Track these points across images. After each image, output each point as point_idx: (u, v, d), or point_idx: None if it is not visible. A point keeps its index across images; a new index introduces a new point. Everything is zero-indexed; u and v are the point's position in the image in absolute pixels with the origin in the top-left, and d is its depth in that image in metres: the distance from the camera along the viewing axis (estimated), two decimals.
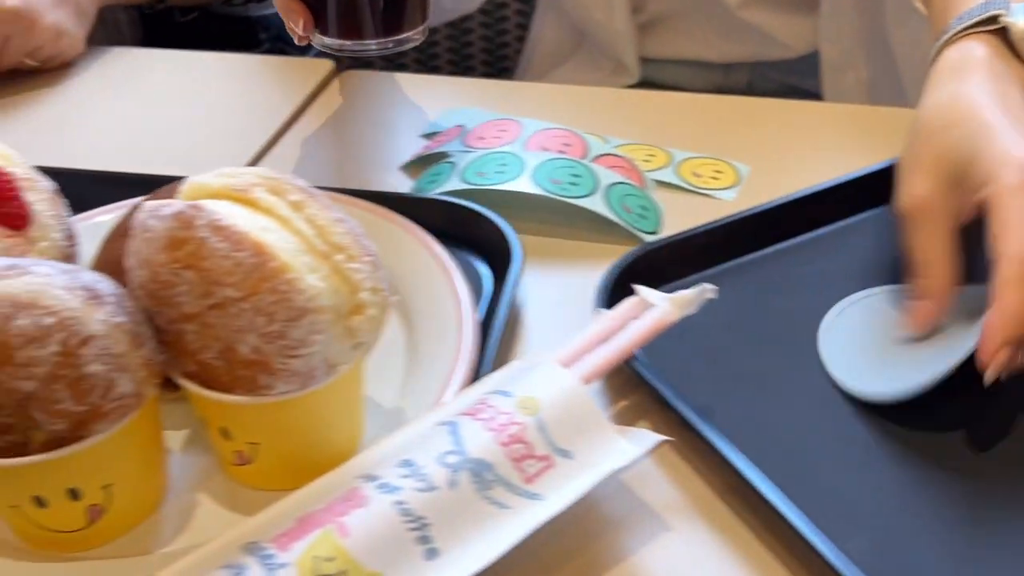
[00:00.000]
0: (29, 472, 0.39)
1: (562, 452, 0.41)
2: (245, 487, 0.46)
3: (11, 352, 0.36)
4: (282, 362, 0.40)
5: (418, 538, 0.38)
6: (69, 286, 0.38)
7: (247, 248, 0.38)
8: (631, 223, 0.63)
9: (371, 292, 0.42)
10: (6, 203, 0.44)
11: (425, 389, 0.50)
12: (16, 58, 0.83)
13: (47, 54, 0.85)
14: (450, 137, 0.72)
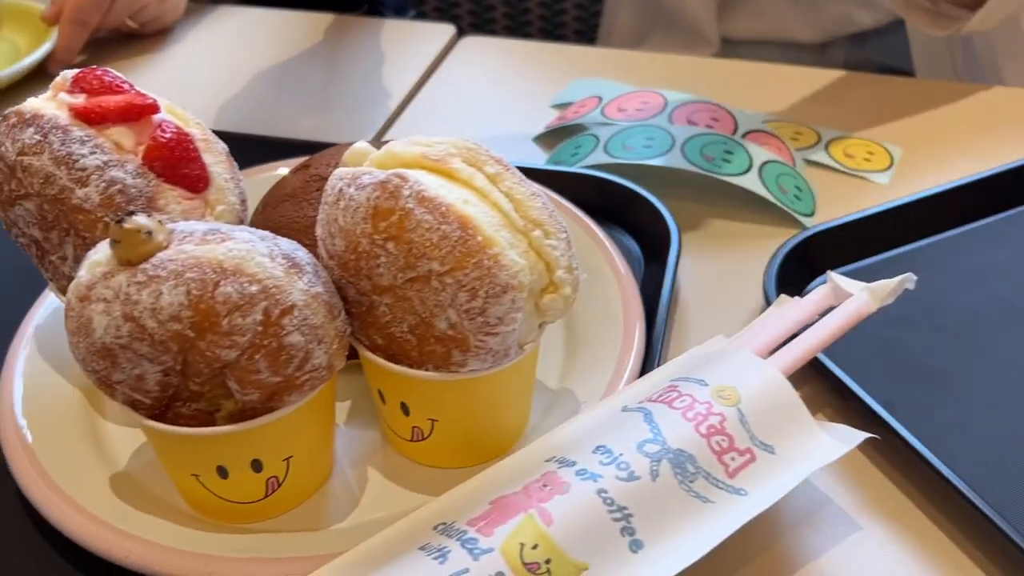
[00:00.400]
0: (217, 442, 0.39)
1: (764, 446, 0.39)
2: (413, 463, 0.45)
3: (216, 319, 0.35)
4: (480, 339, 0.38)
5: (623, 528, 0.36)
6: (271, 254, 0.37)
7: (453, 221, 0.37)
8: (788, 204, 0.60)
9: (566, 271, 0.40)
10: (187, 164, 0.43)
11: (592, 371, 0.48)
12: (120, 17, 0.82)
13: (150, 15, 0.84)
14: (587, 108, 0.70)
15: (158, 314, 0.35)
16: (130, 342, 0.36)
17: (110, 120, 0.42)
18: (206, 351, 0.36)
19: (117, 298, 0.36)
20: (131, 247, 0.36)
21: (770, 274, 0.52)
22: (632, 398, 0.42)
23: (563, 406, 0.47)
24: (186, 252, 0.36)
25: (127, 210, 0.36)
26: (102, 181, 0.41)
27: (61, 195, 0.41)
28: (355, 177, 0.39)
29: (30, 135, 0.41)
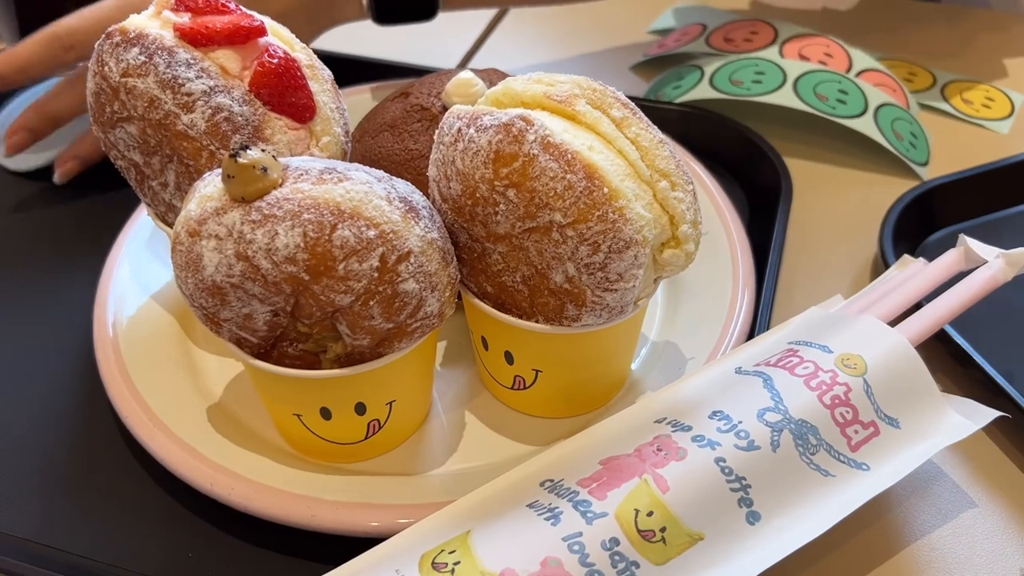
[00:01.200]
0: (324, 385, 0.38)
1: (889, 420, 0.37)
2: (511, 410, 0.44)
3: (333, 264, 0.34)
4: (597, 295, 0.37)
5: (740, 499, 0.35)
6: (388, 196, 0.35)
7: (579, 170, 0.35)
8: (904, 152, 0.57)
9: (691, 225, 0.38)
10: (294, 93, 0.41)
11: (697, 324, 0.46)
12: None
13: None
14: (690, 36, 0.66)
15: (273, 255, 0.34)
16: (242, 281, 0.35)
17: (216, 42, 0.40)
18: (320, 295, 0.35)
19: (230, 236, 0.34)
20: (245, 183, 0.34)
21: (887, 231, 0.49)
22: (748, 359, 0.40)
23: (667, 359, 0.45)
24: (303, 192, 0.34)
25: (241, 143, 0.35)
26: (208, 108, 0.39)
27: (166, 120, 0.39)
28: (475, 117, 0.37)
29: (135, 55, 0.39)
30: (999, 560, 0.39)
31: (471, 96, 0.47)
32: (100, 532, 0.40)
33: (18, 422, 0.45)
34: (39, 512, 0.41)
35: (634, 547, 0.33)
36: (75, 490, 0.42)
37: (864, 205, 0.55)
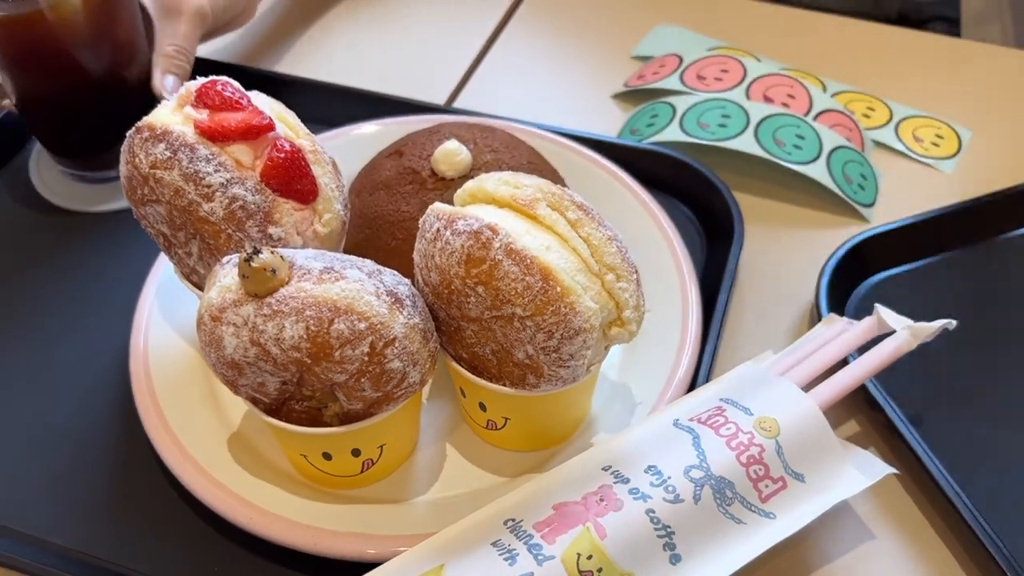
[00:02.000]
0: (324, 438, 0.45)
1: (796, 475, 0.45)
2: (486, 444, 0.51)
3: (330, 351, 0.41)
4: (552, 370, 0.44)
5: (665, 544, 0.42)
6: (377, 292, 0.42)
7: (536, 273, 0.41)
8: (850, 195, 0.63)
9: (633, 310, 0.44)
10: (299, 180, 0.47)
11: (649, 367, 0.53)
12: None
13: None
14: (667, 70, 0.71)
15: (281, 343, 0.41)
16: (255, 361, 0.42)
17: (231, 138, 0.46)
18: (320, 374, 0.42)
19: (245, 325, 0.41)
20: (258, 283, 0.41)
21: (822, 284, 0.56)
22: (685, 412, 0.47)
23: (622, 400, 0.52)
24: (305, 291, 0.41)
25: (255, 247, 0.41)
26: (225, 197, 0.46)
27: (189, 207, 0.46)
28: (452, 220, 0.43)
29: (161, 150, 0.46)
30: None
31: (456, 164, 0.53)
32: (137, 546, 0.49)
33: (64, 446, 0.53)
34: (85, 527, 0.49)
35: None
36: (116, 510, 0.50)
37: (813, 243, 0.61)
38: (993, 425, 0.52)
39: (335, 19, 0.81)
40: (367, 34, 0.80)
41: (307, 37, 0.80)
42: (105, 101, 0.62)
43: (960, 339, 0.54)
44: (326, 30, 0.80)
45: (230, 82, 0.48)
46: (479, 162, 0.55)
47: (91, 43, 0.59)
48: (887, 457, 0.51)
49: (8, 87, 0.62)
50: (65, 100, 0.61)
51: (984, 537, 0.46)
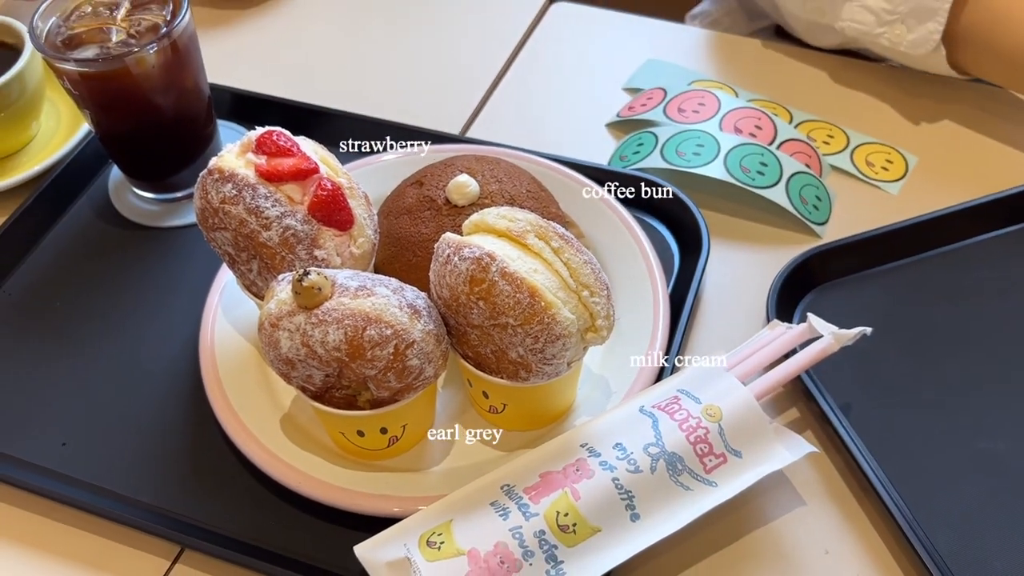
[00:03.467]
0: (359, 419, 0.57)
1: (735, 452, 0.56)
2: (490, 425, 0.63)
3: (363, 351, 0.53)
4: (539, 367, 0.55)
5: (627, 506, 0.54)
6: (400, 305, 0.54)
7: (524, 291, 0.53)
8: (805, 214, 0.73)
9: (604, 319, 0.55)
10: (339, 212, 0.58)
11: (625, 360, 0.64)
12: None
13: None
14: (653, 103, 0.82)
15: (325, 346, 0.53)
16: (305, 359, 0.54)
17: (284, 180, 0.58)
18: (356, 369, 0.54)
19: (297, 331, 0.53)
20: (307, 299, 0.53)
21: (772, 293, 0.66)
22: (648, 400, 0.58)
23: (601, 390, 0.63)
24: (344, 304, 0.53)
25: (306, 269, 0.53)
26: (280, 227, 0.57)
27: (251, 234, 0.58)
28: (459, 248, 0.54)
29: (229, 189, 0.57)
30: (815, 542, 0.58)
31: (466, 194, 0.65)
32: (205, 505, 0.61)
33: (147, 422, 0.65)
34: (164, 488, 0.61)
35: (555, 536, 0.52)
36: (189, 475, 0.62)
37: (771, 257, 0.71)
38: (911, 414, 0.62)
39: (371, 55, 0.93)
40: (399, 68, 0.91)
41: (341, 71, 0.91)
42: (172, 136, 0.74)
43: (888, 341, 0.65)
44: (360, 66, 0.92)
45: (283, 132, 0.59)
46: (486, 191, 0.66)
47: (163, 90, 0.70)
48: (820, 439, 0.62)
49: (90, 122, 0.74)
50: (139, 135, 0.73)
51: (893, 507, 0.56)
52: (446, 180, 0.66)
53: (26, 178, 0.79)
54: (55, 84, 0.84)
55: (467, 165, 0.68)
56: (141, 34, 0.69)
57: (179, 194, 0.78)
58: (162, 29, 0.69)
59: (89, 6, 0.71)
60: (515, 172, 0.69)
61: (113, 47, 0.68)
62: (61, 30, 0.70)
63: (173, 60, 0.69)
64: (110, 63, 0.67)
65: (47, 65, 0.69)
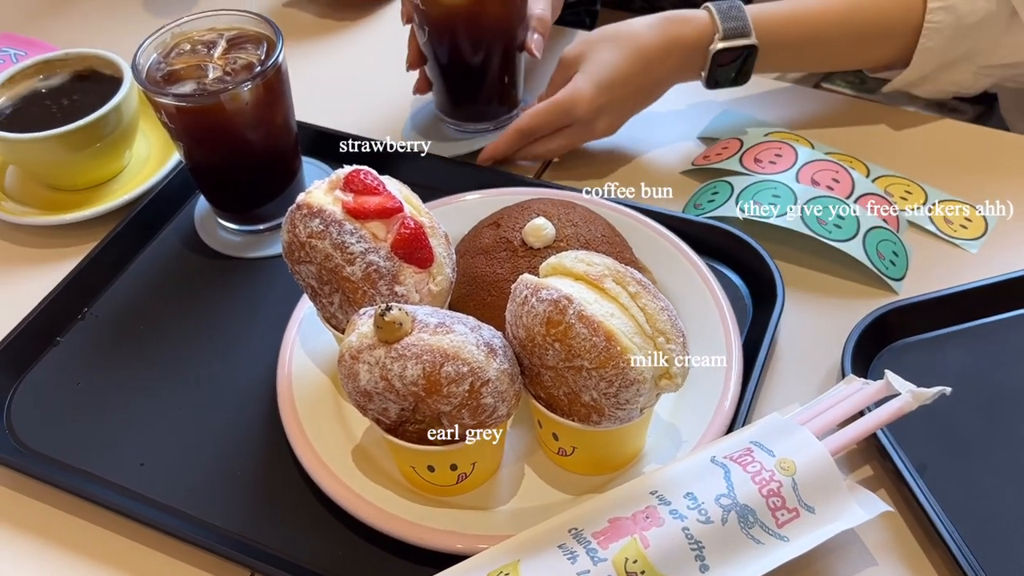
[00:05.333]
0: (431, 454, 0.58)
1: (807, 507, 0.55)
2: (557, 466, 0.63)
3: (440, 387, 0.54)
4: (612, 411, 0.55)
5: (696, 556, 0.53)
6: (477, 343, 0.54)
7: (601, 335, 0.53)
8: (882, 269, 0.73)
9: (679, 366, 0.56)
10: (420, 250, 0.60)
11: (696, 410, 0.64)
12: None
13: None
14: (729, 152, 0.82)
15: (403, 379, 0.54)
16: (383, 392, 0.55)
17: (370, 218, 0.59)
18: (431, 405, 0.54)
19: (377, 364, 0.54)
20: (388, 333, 0.54)
21: (847, 348, 0.66)
22: (721, 451, 0.58)
23: (671, 437, 0.63)
24: (424, 340, 0.54)
25: (388, 305, 0.54)
26: (364, 263, 0.59)
27: (336, 269, 0.59)
28: (536, 289, 0.55)
29: (316, 224, 0.59)
30: None
31: (542, 237, 0.65)
32: (276, 530, 0.62)
33: (222, 447, 0.66)
34: (235, 512, 0.63)
35: None
36: (260, 501, 0.63)
37: (845, 310, 0.71)
38: (988, 476, 0.61)
39: None
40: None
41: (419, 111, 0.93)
42: (260, 169, 0.77)
43: (964, 401, 0.64)
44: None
45: (370, 171, 0.61)
46: (561, 235, 0.67)
47: (254, 125, 0.73)
48: (893, 498, 0.61)
49: (182, 154, 0.77)
50: (229, 168, 0.76)
51: (968, 570, 0.55)
52: (522, 222, 0.67)
53: (117, 205, 0.82)
54: (148, 116, 0.88)
55: (543, 208, 0.69)
56: (236, 72, 0.72)
57: (262, 226, 0.80)
58: (256, 68, 0.72)
59: (188, 44, 0.74)
60: (590, 217, 0.70)
61: (209, 83, 0.71)
62: (161, 66, 0.73)
63: (265, 97, 0.72)
64: (206, 99, 0.70)
65: (146, 98, 0.72)
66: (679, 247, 0.73)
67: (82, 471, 0.66)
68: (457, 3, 0.78)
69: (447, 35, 0.81)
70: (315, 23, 1.06)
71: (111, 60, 0.85)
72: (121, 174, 0.87)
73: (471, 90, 0.86)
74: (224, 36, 0.75)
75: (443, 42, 0.82)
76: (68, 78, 0.86)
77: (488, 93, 0.86)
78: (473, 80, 0.85)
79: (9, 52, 1.02)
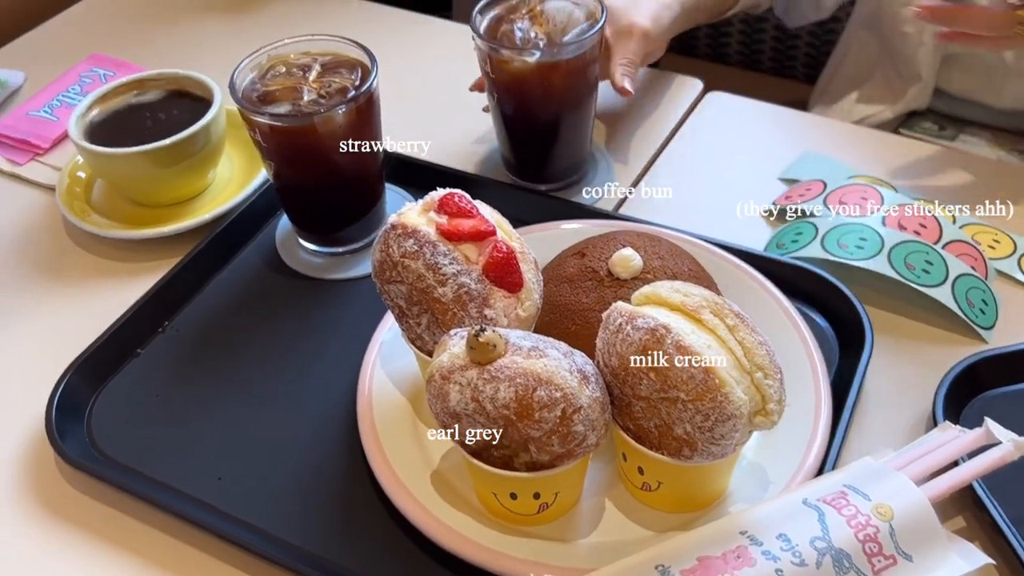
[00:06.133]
0: (516, 480, 0.57)
1: (905, 555, 0.53)
2: (638, 502, 0.62)
3: (532, 411, 0.53)
4: (705, 446, 0.54)
5: None
6: (570, 369, 0.54)
7: (699, 366, 0.52)
8: (972, 318, 0.71)
9: (776, 403, 0.54)
10: (511, 275, 0.60)
11: (783, 452, 0.62)
12: None
13: None
14: (813, 193, 0.82)
15: (495, 402, 0.53)
16: (472, 414, 0.54)
17: (463, 240, 0.59)
18: (521, 429, 0.54)
19: (468, 385, 0.54)
20: (482, 354, 0.53)
21: (938, 396, 0.64)
22: (813, 493, 0.56)
23: (757, 478, 0.62)
24: (517, 363, 0.53)
25: (483, 326, 0.54)
26: (455, 284, 0.59)
27: (427, 289, 0.59)
28: (632, 317, 0.54)
29: (410, 244, 0.59)
30: None
31: (630, 268, 0.65)
32: (353, 549, 0.61)
33: (301, 465, 0.66)
34: (313, 531, 0.62)
35: None
36: (338, 520, 0.63)
37: (935, 357, 0.69)
38: None
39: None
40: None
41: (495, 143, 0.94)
42: (346, 191, 0.78)
43: None
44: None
45: (464, 195, 0.61)
46: (648, 267, 0.66)
47: (343, 148, 0.74)
48: (989, 550, 0.59)
49: (271, 174, 0.78)
50: (316, 189, 0.77)
51: None
52: (608, 253, 0.67)
53: (200, 223, 0.83)
54: (233, 138, 0.89)
55: (629, 240, 0.69)
56: (331, 95, 0.73)
57: (342, 248, 0.81)
58: (350, 92, 0.73)
59: (283, 66, 0.76)
60: (676, 251, 0.69)
61: (304, 105, 0.72)
62: (256, 87, 0.74)
63: (357, 121, 0.73)
64: (300, 120, 0.71)
65: (243, 116, 0.73)
66: (765, 286, 0.72)
67: (159, 482, 0.66)
68: (525, 69, 0.77)
69: (514, 99, 0.80)
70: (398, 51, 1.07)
71: (202, 81, 0.87)
72: (204, 193, 0.88)
73: (537, 152, 0.85)
74: (318, 60, 0.76)
75: (510, 105, 0.81)
76: (159, 97, 0.88)
77: (553, 156, 0.85)
78: (539, 143, 0.84)
79: (99, 72, 1.05)
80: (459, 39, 1.08)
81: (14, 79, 1.06)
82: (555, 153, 0.84)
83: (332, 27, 0.99)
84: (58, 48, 1.12)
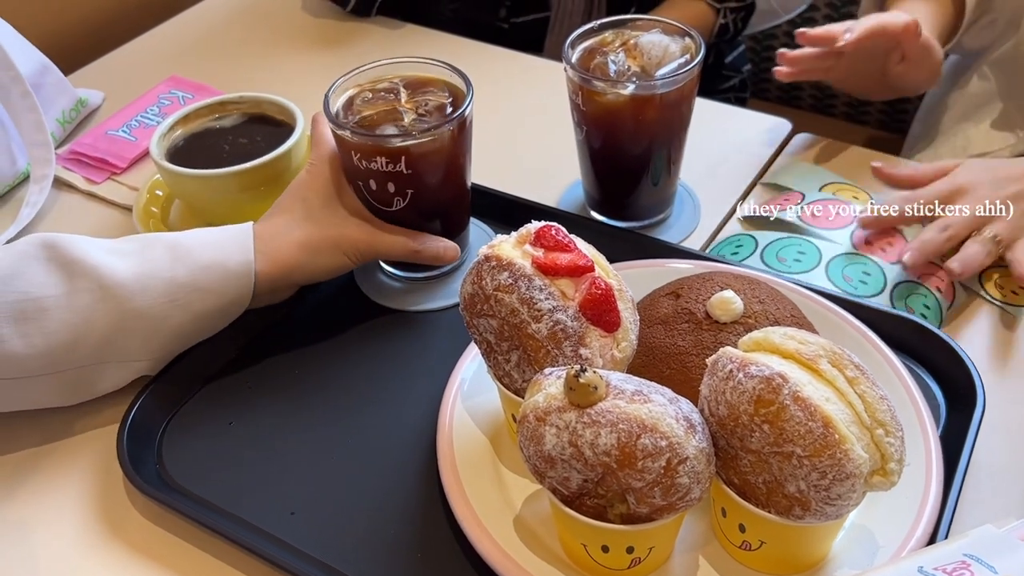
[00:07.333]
0: (610, 533, 0.53)
1: None
2: (734, 561, 0.58)
3: (634, 460, 0.50)
4: (819, 506, 0.50)
5: None
6: (676, 416, 0.51)
7: (818, 420, 0.49)
8: None
9: (897, 463, 0.51)
10: (608, 313, 0.57)
11: (891, 515, 0.58)
12: None
13: None
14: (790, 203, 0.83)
15: (594, 448, 0.50)
16: (569, 459, 0.51)
17: (560, 275, 0.57)
18: (621, 479, 0.50)
19: (566, 428, 0.51)
20: (582, 396, 0.50)
21: None
22: (930, 562, 0.52)
23: (863, 542, 0.58)
24: (619, 407, 0.50)
25: (583, 366, 0.51)
26: (551, 321, 0.56)
27: (520, 325, 0.56)
28: (744, 364, 0.51)
29: (505, 277, 0.56)
30: None
31: (730, 311, 0.62)
32: None
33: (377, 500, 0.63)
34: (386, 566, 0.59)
35: None
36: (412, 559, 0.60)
37: None
38: None
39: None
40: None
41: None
42: (435, 217, 0.76)
43: None
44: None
45: (561, 228, 0.59)
46: (749, 310, 0.63)
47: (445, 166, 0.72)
48: None
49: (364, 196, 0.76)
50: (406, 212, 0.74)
51: None
52: (706, 294, 0.64)
53: None
54: None
55: (727, 282, 0.65)
56: (430, 113, 0.71)
57: (419, 275, 0.79)
58: (447, 109, 0.72)
59: (369, 92, 0.74)
60: (776, 295, 0.66)
61: (409, 125, 0.71)
62: (349, 116, 0.73)
63: (458, 138, 0.71)
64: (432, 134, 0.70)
65: (358, 148, 0.71)
66: (868, 337, 0.68)
67: (231, 514, 0.63)
68: (618, 102, 0.75)
69: (604, 132, 0.78)
70: None
71: (284, 105, 0.86)
72: None
73: (623, 188, 0.82)
74: (399, 83, 0.75)
75: (599, 139, 0.79)
76: (240, 120, 0.87)
77: (640, 192, 0.82)
78: (627, 179, 0.81)
79: (177, 95, 1.05)
80: (545, 75, 1.06)
81: (94, 98, 1.07)
82: (642, 189, 0.81)
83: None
84: (137, 69, 1.13)
